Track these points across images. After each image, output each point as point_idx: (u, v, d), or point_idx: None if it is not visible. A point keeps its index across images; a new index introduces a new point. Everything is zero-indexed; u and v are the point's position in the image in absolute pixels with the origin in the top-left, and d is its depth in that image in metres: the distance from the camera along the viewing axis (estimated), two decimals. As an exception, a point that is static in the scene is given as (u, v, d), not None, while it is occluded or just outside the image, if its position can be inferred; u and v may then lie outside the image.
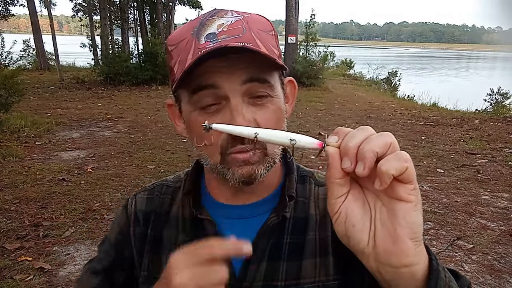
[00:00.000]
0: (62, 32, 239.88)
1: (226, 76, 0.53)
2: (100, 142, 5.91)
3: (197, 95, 0.55)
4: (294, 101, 0.68)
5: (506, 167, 4.98)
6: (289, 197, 0.63)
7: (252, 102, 0.56)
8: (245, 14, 0.59)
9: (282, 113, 0.60)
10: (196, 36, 0.55)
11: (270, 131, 0.45)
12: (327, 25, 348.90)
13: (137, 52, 13.98)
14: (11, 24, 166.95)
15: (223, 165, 0.57)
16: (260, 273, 0.60)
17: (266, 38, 0.57)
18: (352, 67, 22.54)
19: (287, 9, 13.21)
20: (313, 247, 0.61)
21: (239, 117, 0.53)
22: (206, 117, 0.55)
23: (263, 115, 0.56)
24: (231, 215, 0.64)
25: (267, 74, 0.56)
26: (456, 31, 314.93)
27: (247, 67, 0.54)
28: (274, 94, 0.57)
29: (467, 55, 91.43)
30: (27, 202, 3.64)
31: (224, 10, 0.59)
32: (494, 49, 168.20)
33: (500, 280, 2.60)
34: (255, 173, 0.57)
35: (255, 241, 0.61)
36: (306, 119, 8.02)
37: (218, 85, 0.54)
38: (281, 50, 0.65)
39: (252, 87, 0.55)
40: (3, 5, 16.71)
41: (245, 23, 0.56)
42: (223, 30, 0.54)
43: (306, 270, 0.60)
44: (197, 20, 0.58)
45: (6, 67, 7.53)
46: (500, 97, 10.82)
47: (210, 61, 0.52)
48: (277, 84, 0.59)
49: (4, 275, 2.54)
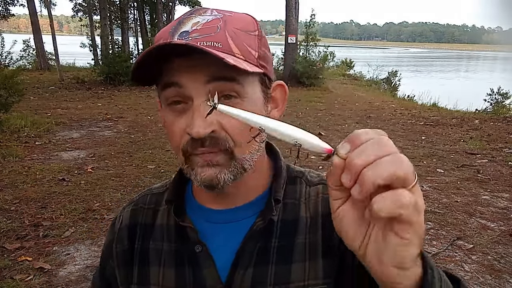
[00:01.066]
0: (62, 32, 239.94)
1: (189, 75, 0.52)
2: (100, 142, 5.91)
3: (165, 92, 0.55)
4: (284, 106, 0.65)
5: (506, 167, 4.98)
6: (275, 201, 0.61)
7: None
8: (227, 13, 0.57)
9: None
10: (172, 35, 0.54)
11: (277, 124, 0.41)
12: (327, 25, 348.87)
13: (137, 52, 14.04)
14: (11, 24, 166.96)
15: (188, 165, 0.56)
16: (248, 278, 0.59)
17: (244, 38, 0.55)
18: (352, 67, 22.55)
19: (287, 9, 13.21)
20: (302, 250, 0.60)
21: (198, 119, 0.51)
22: (174, 116, 0.55)
23: (230, 119, 0.50)
24: (216, 220, 0.63)
25: (234, 72, 0.52)
26: (456, 31, 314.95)
27: (210, 67, 0.52)
28: (244, 95, 0.54)
29: (467, 55, 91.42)
30: (27, 202, 3.64)
31: (204, 8, 0.58)
32: (494, 49, 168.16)
33: (500, 280, 2.60)
34: (217, 178, 0.54)
35: (242, 245, 0.59)
36: (306, 119, 8.02)
37: (182, 83, 0.53)
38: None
39: (217, 87, 0.52)
40: (3, 5, 16.73)
41: (222, 22, 0.54)
42: (196, 29, 0.53)
43: (295, 274, 0.59)
44: (178, 19, 0.58)
45: (6, 67, 7.53)
46: (500, 97, 10.82)
47: (179, 60, 0.52)
48: (249, 86, 0.55)
49: (4, 275, 2.54)
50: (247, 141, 0.53)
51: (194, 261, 0.61)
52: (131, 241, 0.68)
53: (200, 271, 0.60)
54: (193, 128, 0.51)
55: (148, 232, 0.67)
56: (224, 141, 0.54)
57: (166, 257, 0.63)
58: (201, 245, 0.60)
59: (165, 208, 0.67)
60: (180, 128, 0.55)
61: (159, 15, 15.75)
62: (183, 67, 0.52)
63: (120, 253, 0.68)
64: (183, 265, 0.62)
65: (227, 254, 0.60)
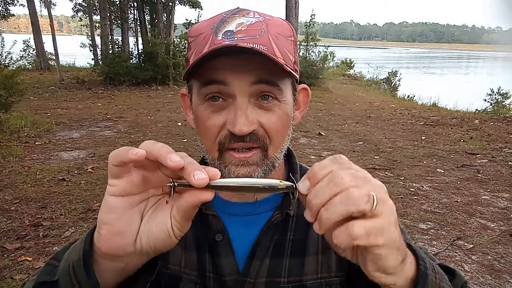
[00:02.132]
0: (62, 32, 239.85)
1: (236, 75, 0.54)
2: (100, 142, 5.91)
3: (206, 88, 0.56)
4: (306, 109, 0.68)
5: (506, 167, 4.98)
6: (292, 194, 0.63)
7: (259, 105, 0.56)
8: (267, 16, 0.59)
9: (289, 119, 0.60)
10: (215, 32, 0.56)
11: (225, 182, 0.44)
12: (327, 25, 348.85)
13: (137, 52, 14.00)
14: (11, 24, 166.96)
15: (220, 161, 0.58)
16: (264, 269, 0.61)
17: (284, 43, 0.58)
18: (352, 67, 22.55)
19: (287, 9, 13.19)
20: (316, 244, 0.62)
21: (242, 117, 0.54)
22: (211, 111, 0.57)
23: (268, 118, 0.56)
24: (235, 212, 0.65)
25: (276, 78, 0.56)
26: (456, 31, 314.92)
27: (257, 69, 0.54)
28: (282, 99, 0.58)
29: (468, 55, 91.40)
30: (27, 202, 3.64)
31: (246, 9, 0.60)
32: (494, 49, 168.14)
33: (500, 280, 2.60)
34: (251, 176, 0.57)
35: (259, 237, 0.61)
36: (306, 119, 8.02)
37: (228, 82, 0.55)
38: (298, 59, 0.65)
39: (260, 88, 0.55)
40: (3, 5, 16.71)
41: (265, 26, 0.56)
42: (241, 29, 0.55)
43: (308, 267, 0.61)
44: (219, 16, 0.59)
45: (6, 67, 7.53)
46: (500, 97, 10.82)
47: (224, 58, 0.53)
48: (287, 90, 0.59)
49: (4, 275, 2.54)
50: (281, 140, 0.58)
51: (214, 249, 0.62)
52: None
53: (219, 259, 0.62)
54: (236, 126, 0.54)
55: None
56: (262, 138, 0.57)
57: (188, 241, 0.65)
58: (222, 234, 0.62)
59: None
60: (218, 123, 0.57)
61: (159, 15, 15.73)
62: (228, 65, 0.54)
63: None
64: (204, 251, 0.64)
65: (245, 245, 0.62)
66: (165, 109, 8.81)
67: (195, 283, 0.62)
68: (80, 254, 0.48)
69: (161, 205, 0.47)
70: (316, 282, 0.60)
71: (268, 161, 0.58)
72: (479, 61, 68.79)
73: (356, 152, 5.64)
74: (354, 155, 5.47)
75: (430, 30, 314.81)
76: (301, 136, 6.57)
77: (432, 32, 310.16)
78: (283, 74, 0.56)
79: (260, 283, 0.60)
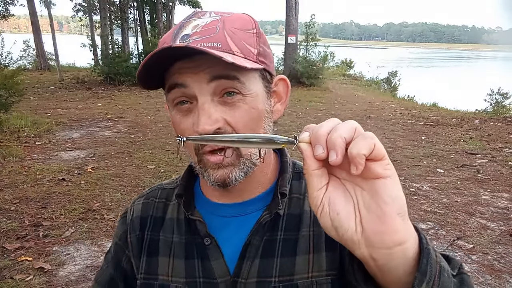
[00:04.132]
0: (62, 32, 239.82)
1: (193, 76, 0.55)
2: (100, 142, 5.91)
3: (170, 94, 0.58)
4: (288, 99, 0.67)
5: (506, 167, 4.98)
6: (281, 195, 0.63)
7: (222, 102, 0.56)
8: (225, 14, 0.59)
9: (260, 112, 0.59)
10: (173, 39, 0.57)
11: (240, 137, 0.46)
12: (327, 25, 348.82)
13: (137, 52, 14.00)
14: (11, 24, 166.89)
15: (200, 165, 0.59)
16: (254, 270, 0.61)
17: (242, 36, 0.57)
18: (352, 67, 22.53)
19: (287, 9, 13.21)
20: (306, 243, 0.62)
21: (203, 116, 0.54)
22: (181, 116, 0.58)
23: (234, 114, 0.56)
24: (224, 214, 0.65)
25: (234, 71, 0.55)
26: (456, 31, 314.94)
27: (213, 67, 0.54)
28: (246, 92, 0.57)
29: (468, 56, 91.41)
30: (27, 202, 3.64)
31: (203, 11, 0.60)
32: (494, 49, 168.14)
33: (500, 280, 2.60)
34: (229, 177, 0.57)
35: (249, 238, 0.61)
36: (306, 119, 8.02)
37: (187, 84, 0.55)
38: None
39: (219, 84, 0.55)
40: (3, 5, 16.71)
41: (221, 23, 0.57)
42: (196, 31, 0.56)
43: (299, 266, 0.61)
44: (179, 24, 0.60)
45: (6, 67, 7.53)
46: (500, 97, 10.81)
47: (181, 62, 0.55)
48: (252, 83, 0.58)
49: (4, 275, 2.54)
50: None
51: (203, 253, 0.63)
52: (142, 231, 0.70)
53: (209, 263, 0.62)
54: (199, 126, 0.54)
55: (158, 224, 0.70)
56: None
57: (176, 249, 0.66)
58: (210, 238, 0.63)
59: (176, 202, 0.69)
60: (187, 127, 0.57)
61: (159, 15, 15.74)
62: (185, 68, 0.55)
63: (135, 241, 0.70)
64: (192, 257, 0.64)
65: (235, 246, 0.62)
66: (165, 109, 8.81)
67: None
68: None
69: None
70: (307, 281, 0.60)
71: (243, 160, 0.58)
72: (479, 61, 68.80)
73: (356, 152, 5.64)
74: (354, 155, 5.47)
75: (430, 30, 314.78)
76: (301, 136, 6.57)
77: (432, 32, 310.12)
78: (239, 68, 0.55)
79: (251, 283, 0.60)
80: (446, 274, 0.44)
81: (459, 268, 0.50)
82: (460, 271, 0.50)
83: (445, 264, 0.46)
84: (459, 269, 0.50)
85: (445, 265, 0.46)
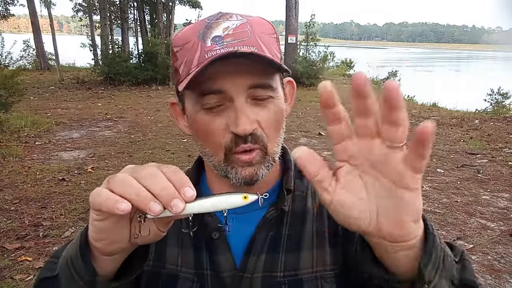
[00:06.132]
0: (62, 32, 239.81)
1: (232, 81, 0.56)
2: (100, 142, 5.91)
3: (205, 98, 0.57)
4: (293, 101, 0.70)
5: (506, 167, 4.98)
6: (287, 191, 0.65)
7: (254, 103, 0.58)
8: (248, 17, 0.61)
9: (283, 113, 0.62)
10: (202, 39, 0.57)
11: (201, 204, 0.45)
12: (327, 25, 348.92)
13: (137, 52, 13.98)
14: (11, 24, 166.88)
15: (227, 163, 0.60)
16: (260, 265, 0.62)
17: (269, 41, 0.60)
18: (352, 67, 22.53)
19: (287, 9, 13.21)
20: (310, 239, 0.64)
21: (243, 117, 0.55)
22: (211, 117, 0.58)
23: (264, 116, 0.58)
24: (231, 210, 0.65)
25: (270, 79, 0.58)
26: (456, 31, 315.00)
27: (251, 72, 0.56)
28: (276, 95, 0.60)
29: (469, 55, 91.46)
30: (27, 202, 3.64)
31: (229, 13, 0.61)
32: (494, 49, 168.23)
33: (500, 280, 2.60)
34: (256, 174, 0.59)
35: (255, 233, 0.63)
36: (306, 119, 8.02)
37: (224, 89, 0.56)
38: (281, 50, 0.67)
39: (255, 92, 0.57)
40: (3, 5, 16.71)
41: (249, 27, 0.58)
42: (228, 33, 0.57)
43: (304, 261, 0.63)
44: (202, 23, 0.60)
45: (6, 67, 7.53)
46: (500, 97, 10.81)
47: (216, 64, 0.54)
48: (278, 86, 0.61)
49: (4, 275, 2.54)
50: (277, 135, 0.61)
51: (211, 247, 0.64)
52: None
53: (216, 257, 0.63)
54: (238, 126, 0.55)
55: None
56: (262, 138, 0.58)
57: (185, 241, 0.66)
58: (218, 231, 0.64)
59: None
60: (220, 126, 0.58)
61: (159, 15, 15.73)
62: (222, 72, 0.55)
63: None
64: (201, 250, 0.65)
65: (241, 242, 0.64)
66: (165, 109, 8.81)
67: (192, 281, 0.64)
68: (77, 248, 0.50)
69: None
70: (311, 276, 0.62)
71: (268, 157, 0.60)
72: (480, 61, 68.83)
73: (356, 152, 5.64)
74: (354, 155, 5.46)
75: (430, 30, 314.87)
76: (301, 136, 6.57)
77: (432, 32, 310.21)
78: (274, 72, 0.59)
79: (257, 278, 0.62)
80: (449, 259, 0.46)
81: (461, 255, 0.51)
82: (462, 257, 0.51)
83: (448, 250, 0.47)
84: (461, 255, 0.51)
85: (448, 251, 0.47)
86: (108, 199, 0.42)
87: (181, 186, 0.43)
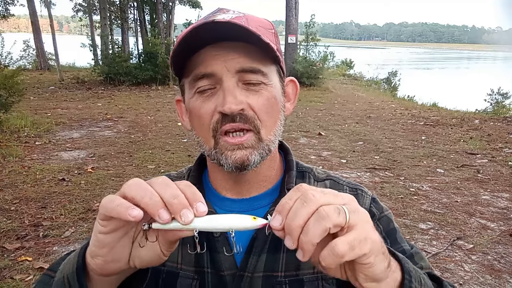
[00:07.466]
0: (62, 32, 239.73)
1: (222, 64, 0.57)
2: (100, 142, 5.91)
3: (198, 82, 0.59)
4: (296, 100, 0.70)
5: (506, 167, 4.98)
6: (288, 190, 0.64)
7: (246, 88, 0.59)
8: (246, 13, 0.62)
9: (278, 103, 0.62)
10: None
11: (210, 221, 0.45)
12: (327, 25, 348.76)
13: (137, 52, 13.99)
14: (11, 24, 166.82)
15: (216, 149, 0.60)
16: (261, 264, 0.62)
17: (266, 33, 0.60)
18: (352, 67, 22.53)
19: (287, 9, 13.21)
20: None
21: (229, 96, 0.56)
22: (202, 101, 0.59)
23: (256, 100, 0.58)
24: (233, 208, 0.67)
25: (261, 64, 0.59)
26: (456, 31, 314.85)
27: (241, 56, 0.57)
28: (268, 82, 0.60)
29: (469, 56, 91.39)
30: (27, 202, 3.64)
31: (226, 8, 0.63)
32: (494, 49, 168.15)
33: (500, 280, 2.60)
34: (248, 159, 0.59)
35: (256, 233, 0.63)
36: (306, 119, 8.02)
37: (215, 72, 0.57)
38: (281, 50, 0.67)
39: (245, 76, 0.58)
40: (3, 5, 16.71)
41: (245, 19, 0.59)
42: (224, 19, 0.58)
43: (305, 262, 0.62)
44: (202, 18, 0.61)
45: (6, 67, 7.52)
46: (500, 97, 10.82)
47: (207, 48, 0.56)
48: (272, 75, 0.61)
49: (4, 275, 2.54)
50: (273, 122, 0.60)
51: (212, 246, 0.64)
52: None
53: (217, 255, 0.63)
54: (225, 104, 0.56)
55: None
56: (252, 119, 0.58)
57: (186, 238, 0.66)
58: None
59: None
60: (209, 109, 0.59)
61: (159, 15, 15.73)
62: (213, 55, 0.57)
63: None
64: (202, 248, 0.64)
65: (242, 240, 0.63)
66: (165, 109, 8.82)
67: (192, 278, 0.64)
68: (74, 268, 0.50)
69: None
70: (312, 277, 0.62)
71: (263, 144, 0.60)
72: (480, 61, 68.77)
73: (356, 152, 5.63)
74: (354, 155, 5.46)
75: (430, 30, 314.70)
76: (301, 136, 6.57)
77: (432, 32, 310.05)
78: (267, 58, 0.59)
79: (257, 277, 0.62)
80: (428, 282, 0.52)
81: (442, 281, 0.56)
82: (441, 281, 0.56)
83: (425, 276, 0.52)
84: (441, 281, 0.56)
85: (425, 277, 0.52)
86: (120, 205, 0.42)
87: (194, 200, 0.43)
